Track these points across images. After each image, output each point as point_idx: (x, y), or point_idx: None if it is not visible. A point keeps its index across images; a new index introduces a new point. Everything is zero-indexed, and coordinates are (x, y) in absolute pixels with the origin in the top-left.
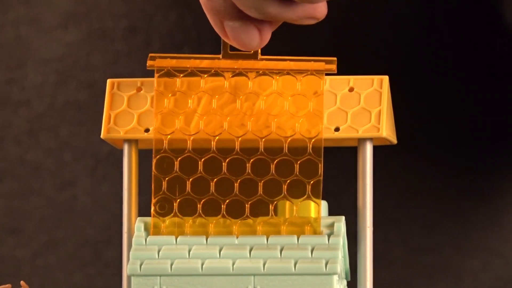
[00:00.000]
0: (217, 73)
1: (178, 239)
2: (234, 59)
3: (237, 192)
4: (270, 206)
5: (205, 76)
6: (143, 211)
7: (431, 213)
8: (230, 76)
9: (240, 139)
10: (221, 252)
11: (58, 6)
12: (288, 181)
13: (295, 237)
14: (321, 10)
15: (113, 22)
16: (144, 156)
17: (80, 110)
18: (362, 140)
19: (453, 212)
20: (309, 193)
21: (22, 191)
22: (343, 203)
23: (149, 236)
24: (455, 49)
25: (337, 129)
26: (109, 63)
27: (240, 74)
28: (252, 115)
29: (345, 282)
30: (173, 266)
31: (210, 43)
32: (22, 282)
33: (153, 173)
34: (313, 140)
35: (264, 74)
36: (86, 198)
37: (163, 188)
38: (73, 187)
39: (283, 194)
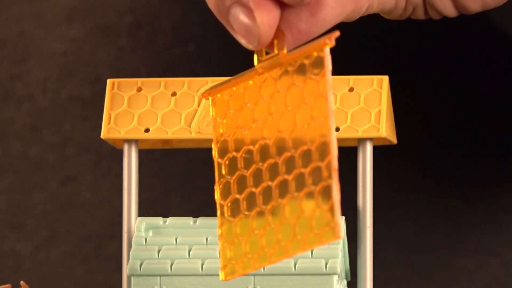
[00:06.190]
0: (254, 85)
1: (178, 239)
2: (266, 62)
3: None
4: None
5: (246, 90)
6: (143, 211)
7: (428, 212)
8: (262, 83)
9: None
10: None
11: (62, 2)
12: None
13: None
14: None
15: (118, 18)
16: (144, 156)
17: (83, 106)
18: (362, 140)
19: (450, 211)
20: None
21: (24, 186)
22: (343, 203)
23: (149, 236)
24: (455, 49)
25: (337, 129)
26: (113, 59)
27: (268, 79)
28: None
29: (345, 282)
30: (173, 266)
31: (215, 39)
32: (22, 282)
33: (223, 175)
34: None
35: (284, 70)
36: (88, 193)
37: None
38: (76, 182)
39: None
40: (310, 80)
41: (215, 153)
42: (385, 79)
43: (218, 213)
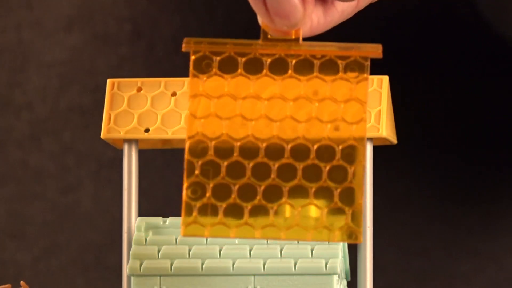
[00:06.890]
0: (255, 58)
1: (178, 239)
2: (274, 43)
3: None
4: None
5: (243, 59)
6: (143, 211)
7: (427, 216)
8: (269, 61)
9: (277, 124)
10: (221, 252)
11: (61, 10)
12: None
13: None
14: None
15: (117, 26)
16: (144, 156)
17: (83, 114)
18: None
19: (449, 216)
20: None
21: (24, 195)
22: None
23: (149, 236)
24: (455, 49)
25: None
26: (113, 67)
27: (279, 60)
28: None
29: (345, 282)
30: (173, 266)
31: None
32: (22, 282)
33: (186, 157)
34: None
35: (304, 59)
36: (88, 202)
37: (195, 173)
38: (76, 191)
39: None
40: (342, 81)
41: (192, 107)
42: (385, 79)
43: (186, 172)
